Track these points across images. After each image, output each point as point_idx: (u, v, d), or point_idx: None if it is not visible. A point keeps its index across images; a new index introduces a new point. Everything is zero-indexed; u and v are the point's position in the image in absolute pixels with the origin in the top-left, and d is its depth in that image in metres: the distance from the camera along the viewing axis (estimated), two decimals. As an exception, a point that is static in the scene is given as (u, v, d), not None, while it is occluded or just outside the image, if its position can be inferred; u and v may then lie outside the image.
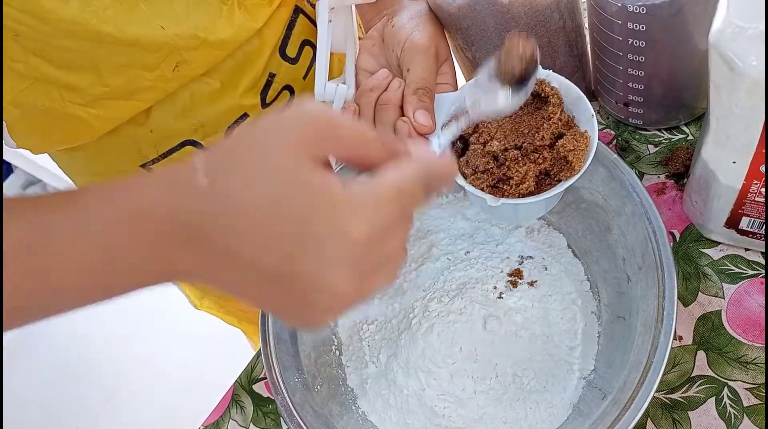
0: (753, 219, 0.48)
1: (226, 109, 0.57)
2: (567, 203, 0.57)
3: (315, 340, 0.56)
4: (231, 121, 0.58)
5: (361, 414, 0.54)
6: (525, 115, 0.46)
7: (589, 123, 0.44)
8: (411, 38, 0.47)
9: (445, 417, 0.51)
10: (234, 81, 0.56)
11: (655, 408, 0.49)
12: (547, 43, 0.55)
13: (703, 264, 0.53)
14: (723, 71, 0.39)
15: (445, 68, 0.50)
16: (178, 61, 0.50)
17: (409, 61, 0.47)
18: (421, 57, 0.47)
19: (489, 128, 0.45)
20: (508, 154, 0.43)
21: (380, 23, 0.51)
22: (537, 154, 0.44)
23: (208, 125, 0.57)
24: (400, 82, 0.47)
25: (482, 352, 0.53)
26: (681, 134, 0.60)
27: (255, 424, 0.61)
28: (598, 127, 0.43)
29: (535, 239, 0.58)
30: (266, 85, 0.58)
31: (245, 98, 0.57)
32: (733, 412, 0.47)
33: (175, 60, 0.50)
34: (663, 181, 0.58)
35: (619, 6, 0.48)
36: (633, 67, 0.53)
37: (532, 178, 0.43)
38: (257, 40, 0.56)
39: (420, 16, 0.49)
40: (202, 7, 0.50)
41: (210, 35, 0.51)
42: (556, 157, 0.44)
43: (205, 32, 0.50)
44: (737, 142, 0.42)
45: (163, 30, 0.48)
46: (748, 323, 0.49)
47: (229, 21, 0.52)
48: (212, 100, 0.56)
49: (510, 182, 0.43)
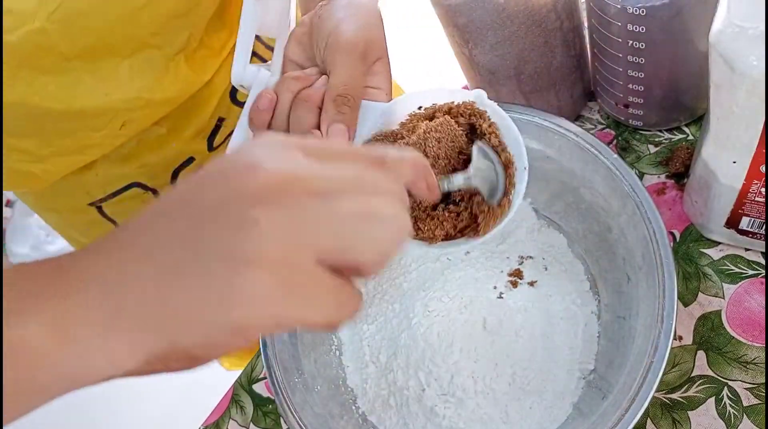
0: (753, 219, 0.48)
1: (173, 154, 0.57)
2: (567, 203, 0.57)
3: (315, 340, 0.56)
4: (176, 165, 0.58)
5: (361, 414, 0.54)
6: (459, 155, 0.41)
7: (519, 174, 0.39)
8: (335, 33, 0.40)
9: (445, 417, 0.51)
10: (181, 127, 0.56)
11: (655, 408, 0.49)
12: (544, 43, 0.55)
13: (703, 264, 0.53)
14: (723, 71, 0.39)
15: (378, 68, 0.42)
16: (124, 120, 0.50)
17: (331, 61, 0.40)
18: (343, 57, 0.39)
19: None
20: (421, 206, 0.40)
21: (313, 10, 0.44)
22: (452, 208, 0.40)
23: (154, 169, 0.57)
24: (324, 80, 0.40)
25: (482, 352, 0.53)
26: (681, 134, 0.60)
27: (255, 424, 0.61)
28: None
29: (535, 239, 0.58)
30: (214, 129, 0.58)
31: (192, 144, 0.57)
32: (733, 411, 0.47)
33: (121, 120, 0.50)
34: (663, 181, 0.58)
35: (618, 7, 0.48)
36: (633, 68, 0.53)
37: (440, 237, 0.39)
38: (206, 89, 0.55)
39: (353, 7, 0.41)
40: (146, 69, 0.49)
41: (155, 95, 0.50)
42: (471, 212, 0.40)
43: (150, 93, 0.49)
44: (737, 142, 0.42)
45: (107, 96, 0.48)
46: (748, 323, 0.49)
47: (176, 77, 0.51)
48: (158, 146, 0.56)
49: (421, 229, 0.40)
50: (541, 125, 0.52)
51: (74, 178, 0.56)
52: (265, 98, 0.40)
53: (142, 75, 0.49)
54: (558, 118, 0.52)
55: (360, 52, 0.40)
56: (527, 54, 0.55)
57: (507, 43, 0.54)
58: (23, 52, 0.43)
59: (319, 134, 0.39)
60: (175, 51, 0.50)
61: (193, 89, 0.54)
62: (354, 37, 0.40)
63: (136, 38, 0.47)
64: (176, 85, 0.51)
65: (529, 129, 0.53)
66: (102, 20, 0.44)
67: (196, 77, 0.53)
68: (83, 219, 0.61)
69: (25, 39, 0.42)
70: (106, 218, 0.60)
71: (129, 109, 0.49)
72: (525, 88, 0.59)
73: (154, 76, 0.49)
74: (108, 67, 0.47)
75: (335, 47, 0.39)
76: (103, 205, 0.59)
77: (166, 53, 0.50)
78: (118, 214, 0.60)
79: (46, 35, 0.43)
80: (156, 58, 0.49)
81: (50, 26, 0.42)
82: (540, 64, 0.57)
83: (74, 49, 0.45)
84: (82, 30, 0.44)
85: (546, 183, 0.57)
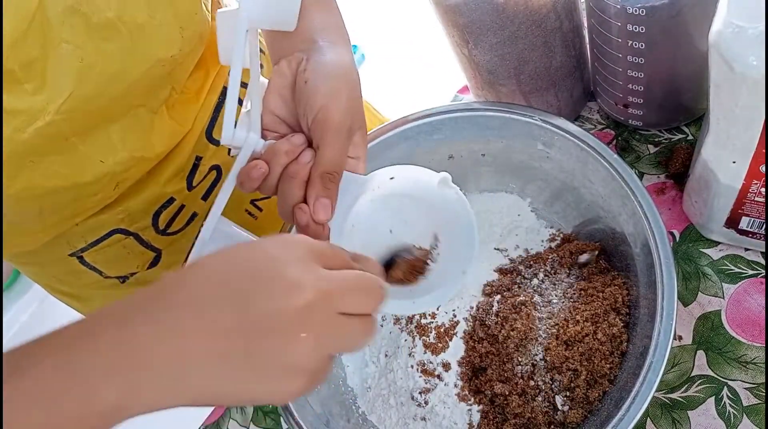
0: (753, 219, 0.48)
1: (152, 197, 0.57)
2: (567, 203, 0.57)
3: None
4: (157, 207, 0.58)
5: (361, 414, 0.54)
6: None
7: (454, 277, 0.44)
8: (324, 110, 0.41)
9: (445, 417, 0.51)
10: (160, 171, 0.56)
11: (654, 408, 0.49)
12: (544, 43, 0.55)
13: (702, 264, 0.53)
14: (723, 71, 0.39)
15: (357, 139, 0.44)
16: (118, 181, 0.52)
17: (320, 137, 0.41)
18: (333, 136, 0.41)
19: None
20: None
21: (294, 61, 0.44)
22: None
23: (134, 214, 0.57)
24: (311, 155, 0.42)
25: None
26: (681, 134, 0.60)
27: (255, 424, 0.61)
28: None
29: (535, 239, 0.58)
30: (192, 169, 0.58)
31: (170, 185, 0.57)
32: (733, 411, 0.47)
33: (115, 182, 0.52)
34: (663, 181, 0.58)
35: (618, 8, 0.48)
36: (632, 68, 0.53)
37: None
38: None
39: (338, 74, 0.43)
40: (135, 128, 0.50)
41: (146, 153, 0.52)
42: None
43: (141, 151, 0.51)
44: (737, 142, 0.42)
45: (103, 163, 0.49)
46: (747, 323, 0.49)
47: (161, 133, 0.52)
48: (138, 191, 0.56)
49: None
50: (542, 125, 0.52)
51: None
52: (259, 170, 0.42)
53: (132, 135, 0.51)
54: (558, 118, 0.52)
55: (346, 130, 0.42)
56: (527, 54, 0.55)
57: (507, 43, 0.54)
58: (34, 144, 0.44)
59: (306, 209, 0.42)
60: (159, 104, 0.52)
61: (177, 139, 0.55)
62: (343, 117, 0.42)
63: (126, 103, 0.49)
64: (162, 139, 0.53)
65: (529, 129, 0.53)
66: (104, 100, 0.46)
67: (178, 127, 0.55)
68: (64, 269, 0.61)
69: (35, 134, 0.43)
70: (86, 267, 0.60)
71: (123, 170, 0.51)
72: (525, 88, 0.59)
73: (143, 134, 0.51)
74: (100, 134, 0.49)
75: (325, 126, 0.41)
76: (84, 254, 0.59)
77: (151, 108, 0.51)
78: (99, 261, 0.60)
79: (55, 126, 0.44)
80: (142, 114, 0.51)
81: (58, 117, 0.44)
82: (540, 65, 0.57)
83: (75, 129, 0.46)
84: (84, 113, 0.46)
85: (546, 183, 0.57)
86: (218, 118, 0.59)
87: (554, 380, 0.48)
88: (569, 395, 0.47)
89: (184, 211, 0.60)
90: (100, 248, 0.58)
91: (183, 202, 0.59)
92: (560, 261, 0.54)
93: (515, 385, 0.48)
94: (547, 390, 0.48)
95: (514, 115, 0.53)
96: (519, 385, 0.48)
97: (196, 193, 0.60)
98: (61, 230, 0.55)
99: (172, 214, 0.59)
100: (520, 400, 0.48)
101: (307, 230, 0.42)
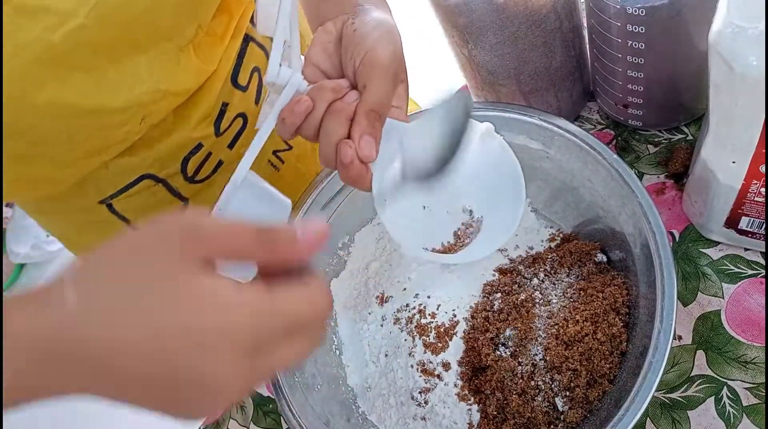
0: (752, 219, 0.48)
1: (181, 141, 0.57)
2: (567, 203, 0.57)
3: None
4: (186, 152, 0.58)
5: (361, 413, 0.54)
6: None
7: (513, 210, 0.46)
8: (373, 52, 0.42)
9: (445, 417, 0.51)
10: (187, 114, 0.56)
11: (654, 407, 0.49)
12: (544, 44, 0.55)
13: (702, 264, 0.53)
14: (723, 71, 0.39)
15: (401, 91, 0.45)
16: (144, 114, 0.52)
17: (367, 77, 0.42)
18: (381, 76, 0.42)
19: None
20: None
21: (339, 21, 0.46)
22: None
23: (163, 159, 0.57)
24: (356, 95, 0.43)
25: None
26: (681, 134, 0.60)
27: (255, 424, 0.61)
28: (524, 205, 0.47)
29: (534, 239, 0.58)
30: (219, 114, 0.59)
31: (198, 130, 0.57)
32: (733, 411, 0.47)
33: (142, 114, 0.51)
34: (663, 181, 0.58)
35: (618, 8, 0.48)
36: (632, 68, 0.53)
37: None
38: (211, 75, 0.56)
39: (385, 27, 0.45)
40: (162, 61, 0.50)
41: (171, 86, 0.52)
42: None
43: (167, 84, 0.51)
44: (737, 142, 0.42)
45: (130, 92, 0.49)
46: (747, 323, 0.49)
47: (187, 70, 0.53)
48: (166, 135, 0.56)
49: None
50: (541, 125, 0.52)
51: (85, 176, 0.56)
52: (303, 104, 0.42)
53: (159, 68, 0.50)
54: (558, 118, 0.52)
55: (393, 74, 0.43)
56: (527, 54, 0.55)
57: (507, 43, 0.54)
58: (63, 51, 0.43)
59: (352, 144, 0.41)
60: (186, 42, 0.52)
61: (203, 79, 0.55)
62: (390, 60, 0.43)
63: (153, 31, 0.49)
64: (189, 75, 0.53)
65: (529, 129, 0.53)
66: (131, 12, 0.46)
67: (204, 67, 0.55)
68: (90, 218, 0.61)
69: (66, 37, 0.43)
70: (117, 216, 0.60)
71: (150, 102, 0.51)
72: (525, 88, 0.59)
73: (170, 69, 0.51)
74: (129, 62, 0.48)
75: (373, 66, 0.42)
76: (114, 201, 0.59)
77: (178, 45, 0.52)
78: (128, 210, 0.60)
79: (85, 31, 0.44)
80: (169, 50, 0.51)
81: (88, 22, 0.43)
82: (539, 65, 0.57)
83: (104, 43, 0.46)
84: (113, 24, 0.45)
85: (546, 183, 0.57)
86: (242, 64, 0.59)
87: (554, 380, 0.48)
88: (569, 395, 0.47)
89: (211, 159, 0.61)
90: (129, 195, 0.58)
91: (210, 148, 0.60)
92: (560, 261, 0.54)
93: (515, 384, 0.48)
94: (546, 390, 0.48)
95: (514, 115, 0.54)
96: (519, 384, 0.48)
97: (223, 141, 0.60)
98: (90, 168, 0.54)
99: (200, 160, 0.60)
100: (520, 400, 0.48)
101: (350, 169, 0.41)
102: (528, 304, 0.52)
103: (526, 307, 0.52)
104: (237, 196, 0.42)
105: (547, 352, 0.48)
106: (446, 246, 0.50)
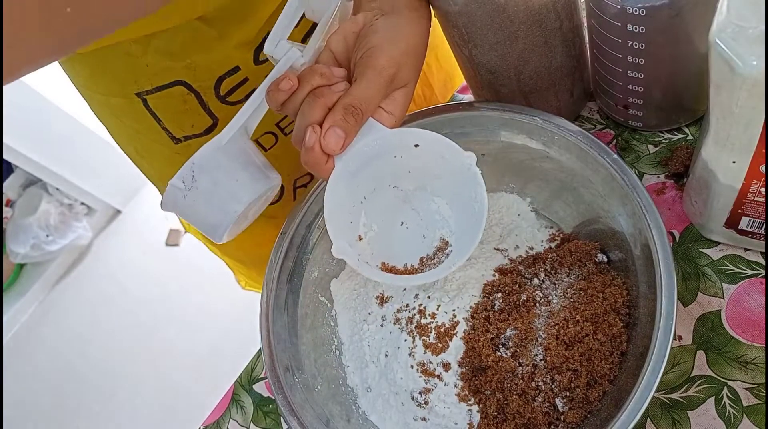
0: (753, 219, 0.48)
1: (219, 58, 0.58)
2: (567, 203, 0.57)
3: (315, 340, 0.56)
4: (223, 71, 0.59)
5: (361, 414, 0.54)
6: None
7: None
8: (374, 50, 0.42)
9: (445, 417, 0.51)
10: (230, 33, 0.57)
11: (654, 408, 0.49)
12: (544, 43, 0.55)
13: (702, 264, 0.53)
14: (723, 71, 0.39)
15: (398, 96, 0.44)
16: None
17: (360, 72, 0.42)
18: (372, 75, 0.42)
19: None
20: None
21: (370, 14, 0.46)
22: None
23: (199, 70, 0.58)
24: (345, 86, 0.43)
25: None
26: (681, 134, 0.60)
27: (255, 424, 0.61)
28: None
29: (534, 239, 0.58)
30: (260, 45, 0.59)
31: (238, 52, 0.58)
32: (733, 411, 0.47)
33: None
34: (663, 181, 0.58)
35: (618, 8, 0.48)
36: (632, 69, 0.53)
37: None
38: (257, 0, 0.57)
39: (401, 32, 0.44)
40: None
41: None
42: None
43: None
44: (737, 142, 0.42)
45: None
46: (747, 323, 0.49)
47: None
48: (207, 48, 0.57)
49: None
50: (541, 125, 0.52)
51: (125, 65, 0.57)
52: (287, 83, 0.42)
53: None
54: (558, 118, 0.52)
55: (387, 75, 0.42)
56: (527, 54, 0.55)
57: (507, 43, 0.54)
58: None
59: (318, 131, 0.41)
60: None
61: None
62: (388, 62, 0.42)
63: None
64: None
65: (529, 129, 0.53)
66: None
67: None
68: (127, 108, 0.62)
69: None
70: (148, 110, 0.61)
71: None
72: (525, 88, 0.59)
73: None
74: None
75: (368, 63, 0.42)
76: (148, 97, 0.60)
77: None
78: (160, 108, 0.61)
79: None
80: None
81: None
82: (540, 65, 0.57)
83: None
84: None
85: (545, 183, 0.57)
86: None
87: (554, 380, 0.48)
88: (569, 395, 0.47)
89: (246, 85, 0.61)
90: (163, 95, 0.59)
91: (247, 74, 0.60)
92: (560, 261, 0.54)
93: (515, 385, 0.48)
94: (547, 390, 0.48)
95: (514, 115, 0.54)
96: (519, 385, 0.48)
97: (261, 71, 0.61)
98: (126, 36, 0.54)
99: (234, 83, 0.60)
100: (520, 401, 0.48)
101: (310, 154, 0.41)
102: (528, 304, 0.52)
103: (526, 306, 0.52)
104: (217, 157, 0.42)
105: (547, 353, 0.48)
106: (408, 268, 0.50)
